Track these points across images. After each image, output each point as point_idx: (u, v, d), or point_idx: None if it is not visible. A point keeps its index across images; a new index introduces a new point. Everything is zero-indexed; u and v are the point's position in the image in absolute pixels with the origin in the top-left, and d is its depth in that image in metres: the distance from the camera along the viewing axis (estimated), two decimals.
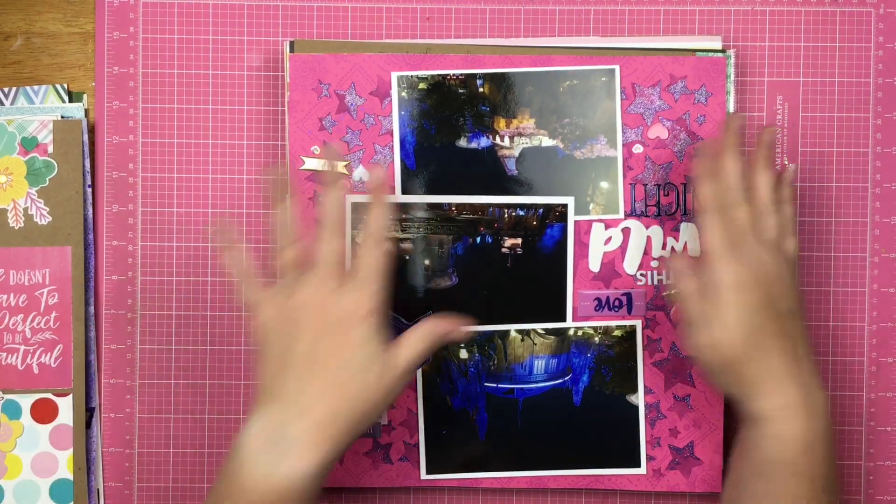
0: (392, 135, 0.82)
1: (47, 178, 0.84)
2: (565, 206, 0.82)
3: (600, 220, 0.82)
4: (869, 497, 0.85)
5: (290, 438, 0.69)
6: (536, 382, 0.83)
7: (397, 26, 0.85)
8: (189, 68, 0.85)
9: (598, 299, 0.82)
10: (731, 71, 0.82)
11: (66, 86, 0.85)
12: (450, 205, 0.82)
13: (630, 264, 0.82)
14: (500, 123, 0.82)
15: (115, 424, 0.85)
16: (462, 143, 0.81)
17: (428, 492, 0.85)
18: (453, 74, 0.81)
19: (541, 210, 0.82)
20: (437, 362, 0.82)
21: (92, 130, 0.85)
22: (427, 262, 0.82)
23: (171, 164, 0.85)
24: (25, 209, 0.84)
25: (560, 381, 0.82)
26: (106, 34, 0.85)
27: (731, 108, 0.82)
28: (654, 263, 0.82)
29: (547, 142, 0.82)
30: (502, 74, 0.81)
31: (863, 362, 0.85)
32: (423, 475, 0.83)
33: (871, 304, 0.85)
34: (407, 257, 0.82)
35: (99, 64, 0.85)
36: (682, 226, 0.82)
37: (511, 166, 0.82)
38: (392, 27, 0.85)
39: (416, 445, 0.83)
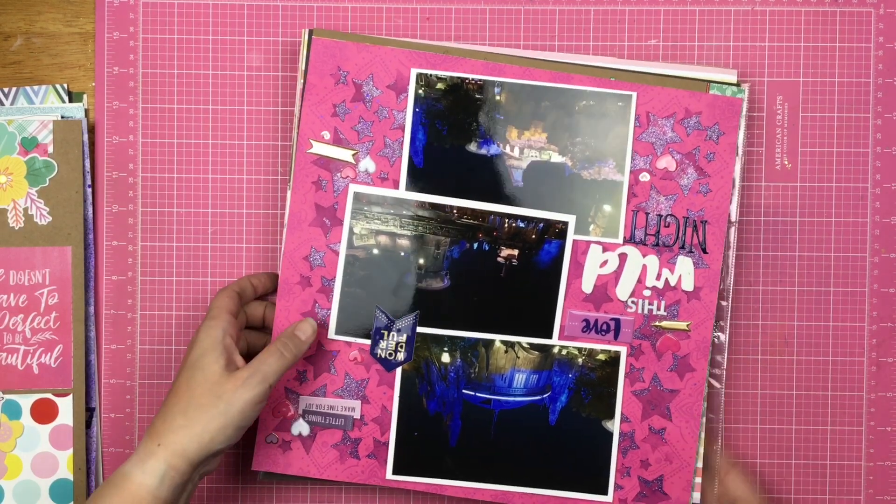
0: (403, 130, 0.82)
1: (47, 178, 0.84)
2: (566, 223, 0.82)
3: (599, 243, 0.82)
4: (869, 497, 0.85)
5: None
6: (514, 396, 0.82)
7: (397, 26, 0.85)
8: (189, 68, 0.85)
9: (587, 321, 0.82)
10: (745, 107, 0.82)
11: (66, 86, 0.85)
12: (452, 207, 0.82)
13: (623, 290, 0.82)
14: (513, 133, 0.82)
15: (115, 424, 0.85)
16: (472, 147, 0.81)
17: (392, 493, 0.85)
18: (472, 79, 0.81)
19: (541, 224, 0.82)
20: (418, 363, 0.82)
21: (92, 130, 0.85)
22: (421, 261, 0.82)
23: (171, 164, 0.85)
24: (25, 209, 0.84)
25: (538, 397, 0.82)
26: (106, 34, 0.85)
27: (742, 144, 0.82)
28: (646, 292, 0.82)
29: (556, 158, 0.82)
30: (521, 85, 0.81)
31: (863, 362, 0.85)
32: (389, 475, 0.82)
33: (871, 304, 0.85)
34: (402, 253, 0.82)
35: (99, 64, 0.85)
36: (679, 259, 0.82)
37: (518, 177, 0.82)
38: (392, 27, 0.85)
39: (386, 444, 0.82)
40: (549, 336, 0.82)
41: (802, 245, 0.85)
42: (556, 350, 0.82)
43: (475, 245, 0.82)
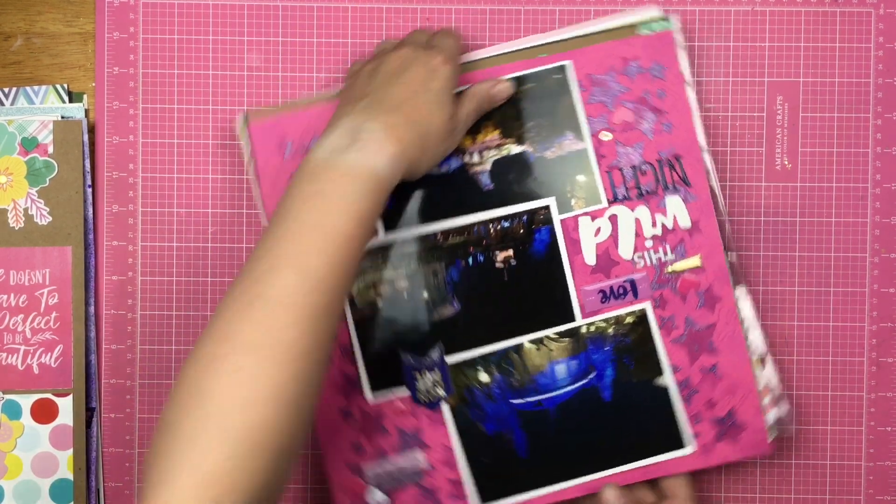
0: None
1: (47, 179, 0.84)
2: (547, 207, 0.81)
3: (585, 214, 0.82)
4: (869, 497, 0.85)
5: (369, 130, 0.72)
6: (562, 388, 0.82)
7: (397, 27, 0.85)
8: (189, 68, 0.85)
9: (602, 291, 0.81)
10: (680, 37, 0.81)
11: (66, 86, 0.86)
12: (434, 233, 0.81)
13: (625, 250, 0.81)
14: (466, 142, 0.81)
15: (115, 424, 0.85)
16: (432, 170, 0.80)
17: None
18: None
19: (524, 217, 0.81)
20: (461, 392, 0.81)
21: (92, 130, 0.85)
22: (426, 294, 0.81)
23: (171, 164, 0.85)
24: (25, 209, 0.84)
25: (585, 381, 0.82)
26: (106, 34, 0.85)
27: (688, 72, 0.81)
28: (648, 244, 0.82)
29: (515, 149, 0.81)
30: (456, 94, 0.80)
31: (863, 362, 0.85)
32: None
33: (871, 304, 0.85)
34: (405, 294, 0.81)
35: (99, 64, 0.85)
36: (666, 200, 0.81)
37: (486, 181, 0.81)
38: (392, 27, 0.85)
39: (460, 481, 0.81)
40: (573, 319, 0.82)
41: (802, 245, 0.85)
42: (583, 330, 0.82)
43: (470, 260, 0.81)
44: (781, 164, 0.85)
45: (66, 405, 0.84)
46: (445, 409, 0.81)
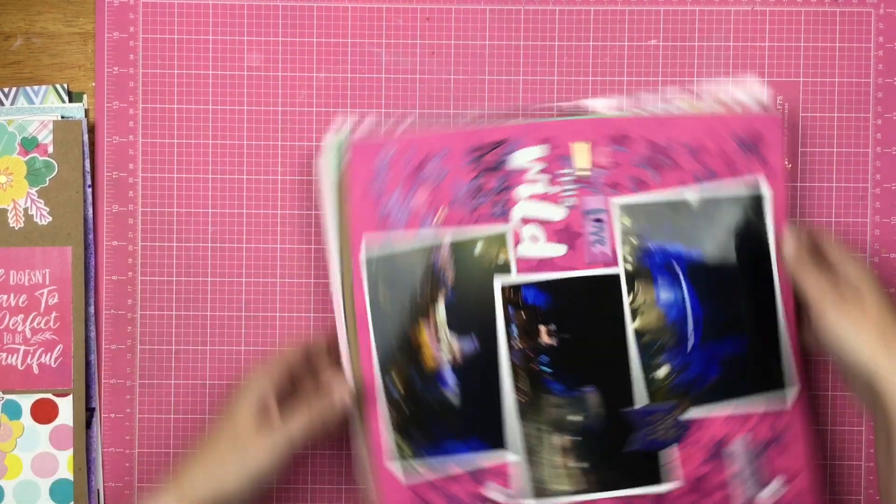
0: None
1: (47, 179, 0.84)
2: None
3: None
4: (869, 497, 0.85)
5: None
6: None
7: (397, 27, 0.85)
8: (189, 68, 0.85)
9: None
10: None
11: (66, 86, 0.86)
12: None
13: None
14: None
15: (115, 424, 0.85)
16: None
17: None
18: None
19: None
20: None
21: (92, 130, 0.85)
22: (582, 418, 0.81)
23: (171, 164, 0.85)
24: (25, 209, 0.84)
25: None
26: (106, 34, 0.85)
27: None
28: None
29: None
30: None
31: None
32: None
33: None
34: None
35: (99, 64, 0.85)
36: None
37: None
38: (392, 27, 0.85)
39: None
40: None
41: None
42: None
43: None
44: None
45: (66, 405, 0.84)
46: None
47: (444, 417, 0.81)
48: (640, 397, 0.80)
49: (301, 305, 0.85)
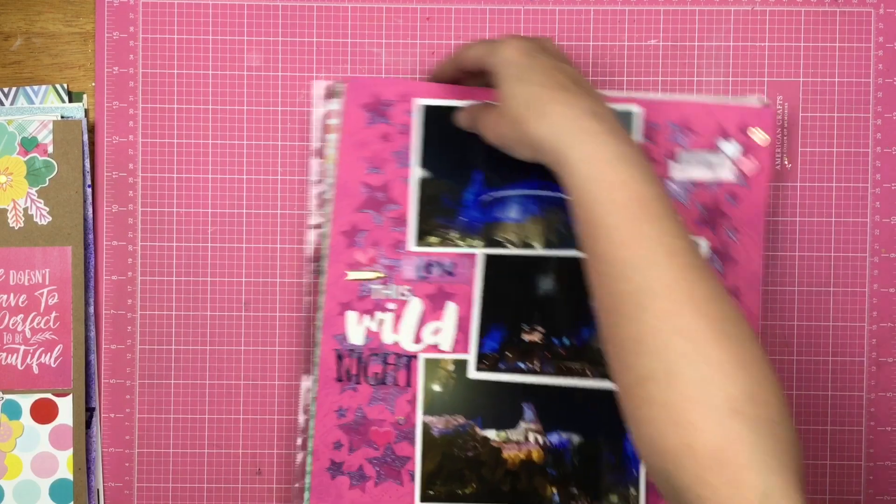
0: None
1: (47, 178, 0.84)
2: None
3: None
4: (869, 497, 0.85)
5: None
6: None
7: (397, 26, 0.85)
8: (189, 68, 0.85)
9: None
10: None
11: (66, 86, 0.85)
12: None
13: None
14: None
15: (115, 424, 0.85)
16: None
17: None
18: None
19: None
20: None
21: (92, 130, 0.85)
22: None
23: (171, 164, 0.85)
24: (25, 209, 0.84)
25: None
26: (106, 34, 0.85)
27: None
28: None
29: None
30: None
31: (863, 362, 0.85)
32: None
33: (871, 304, 0.85)
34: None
35: (99, 64, 0.85)
36: None
37: None
38: (392, 27, 0.85)
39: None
40: None
41: (802, 245, 0.85)
42: None
43: None
44: (781, 164, 0.85)
45: (65, 405, 0.84)
46: None
47: None
48: None
49: (301, 305, 0.85)
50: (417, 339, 0.81)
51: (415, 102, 0.81)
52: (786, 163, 0.85)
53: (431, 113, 0.81)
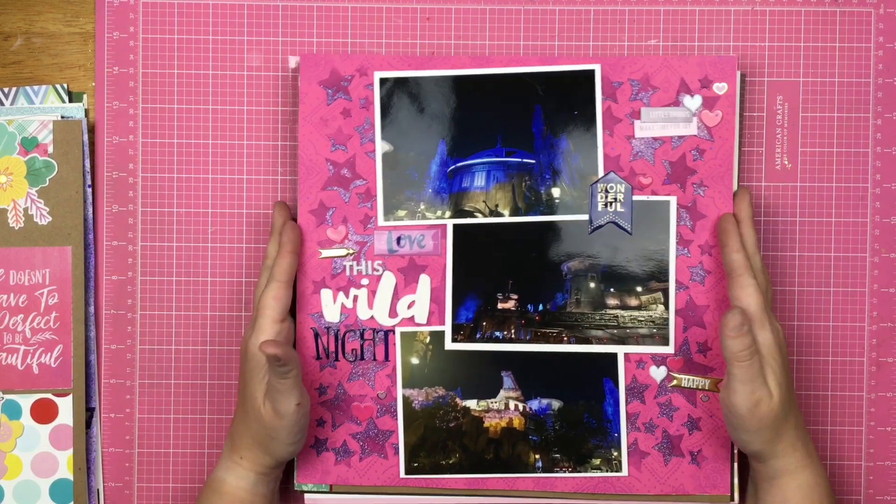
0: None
1: (47, 178, 0.84)
2: None
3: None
4: (869, 497, 0.85)
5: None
6: None
7: (397, 26, 0.85)
8: (189, 68, 0.85)
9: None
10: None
11: (66, 86, 0.85)
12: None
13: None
14: None
15: (115, 424, 0.85)
16: None
17: None
18: None
19: None
20: None
21: (92, 130, 0.85)
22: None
23: (171, 164, 0.85)
24: (25, 209, 0.84)
25: None
26: (106, 34, 0.85)
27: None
28: None
29: None
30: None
31: (863, 362, 0.85)
32: None
33: (871, 304, 0.85)
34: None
35: (99, 64, 0.85)
36: None
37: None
38: (392, 27, 0.85)
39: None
40: None
41: (802, 245, 0.85)
42: None
43: None
44: (781, 164, 0.85)
45: (65, 405, 0.84)
46: None
47: None
48: None
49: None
50: (393, 314, 0.82)
51: (374, 75, 0.82)
52: (786, 163, 0.85)
53: (392, 85, 0.82)
